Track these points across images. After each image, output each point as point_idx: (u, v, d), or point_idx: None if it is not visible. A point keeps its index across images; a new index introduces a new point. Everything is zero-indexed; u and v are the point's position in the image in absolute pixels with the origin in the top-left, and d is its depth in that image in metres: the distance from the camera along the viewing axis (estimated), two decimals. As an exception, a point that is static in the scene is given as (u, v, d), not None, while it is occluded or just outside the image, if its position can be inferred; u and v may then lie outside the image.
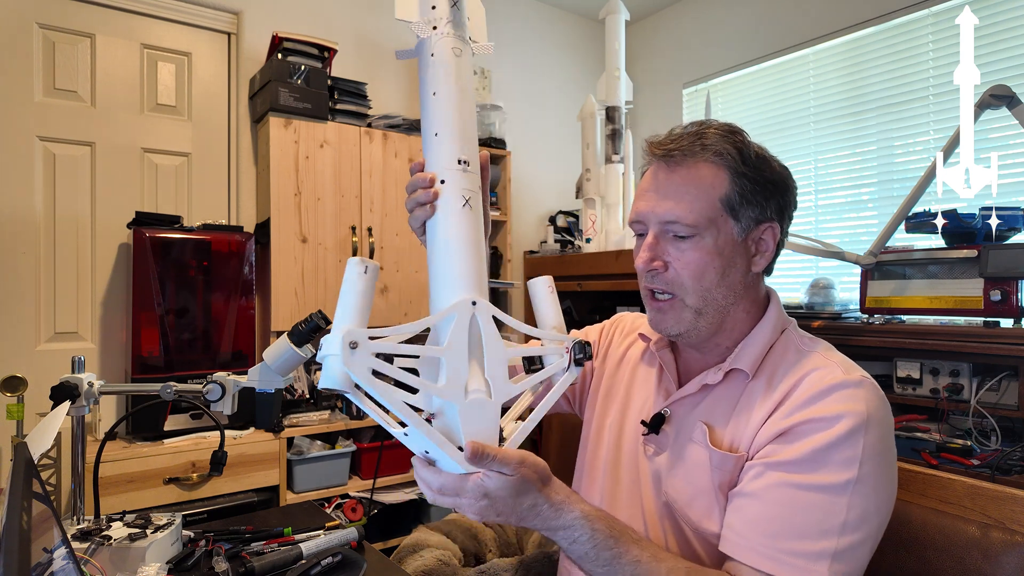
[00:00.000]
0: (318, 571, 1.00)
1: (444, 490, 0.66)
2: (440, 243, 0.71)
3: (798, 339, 0.84)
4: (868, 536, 0.70)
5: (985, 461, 1.31)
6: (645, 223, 0.82)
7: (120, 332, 2.26)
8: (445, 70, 0.75)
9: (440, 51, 0.75)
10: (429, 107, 0.75)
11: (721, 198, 0.79)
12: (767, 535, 0.70)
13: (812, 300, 1.97)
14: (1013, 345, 1.39)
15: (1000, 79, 1.98)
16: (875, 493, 0.70)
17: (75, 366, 1.12)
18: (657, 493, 0.85)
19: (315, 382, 2.32)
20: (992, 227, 1.51)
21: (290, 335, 1.01)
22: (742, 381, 0.81)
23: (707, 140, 0.80)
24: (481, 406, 0.65)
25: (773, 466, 0.72)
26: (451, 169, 0.73)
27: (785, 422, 0.74)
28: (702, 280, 0.79)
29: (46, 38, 2.17)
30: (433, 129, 0.74)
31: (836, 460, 0.69)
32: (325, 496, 2.19)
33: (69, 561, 0.65)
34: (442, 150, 0.73)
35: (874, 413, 0.72)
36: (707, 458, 0.79)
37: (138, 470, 1.86)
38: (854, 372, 0.76)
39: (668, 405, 0.87)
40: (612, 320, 1.10)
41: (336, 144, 2.38)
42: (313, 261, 2.33)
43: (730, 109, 3.03)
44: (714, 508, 0.78)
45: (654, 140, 0.84)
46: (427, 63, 0.76)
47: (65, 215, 2.18)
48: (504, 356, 0.68)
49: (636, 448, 0.90)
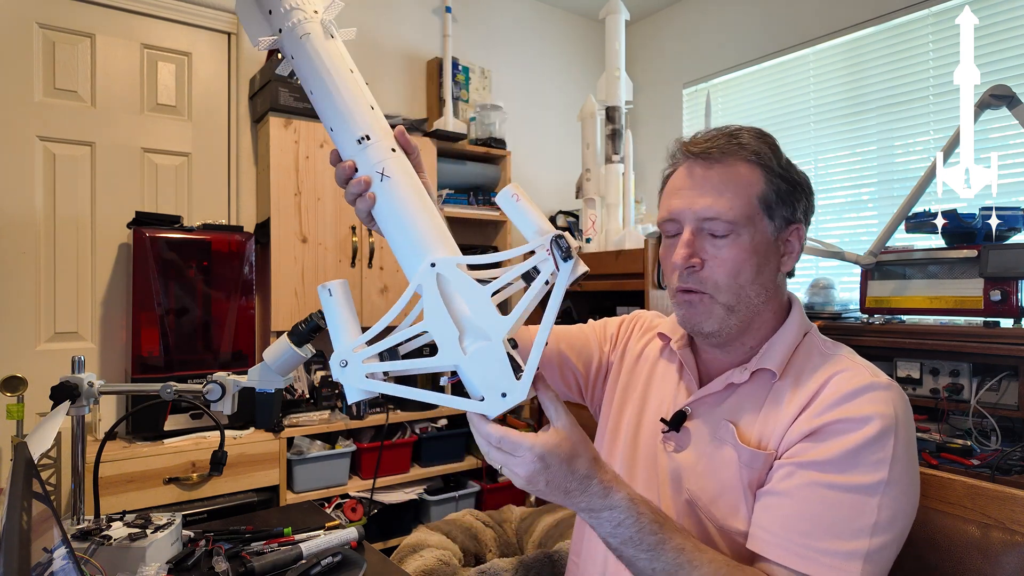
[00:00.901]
0: (318, 571, 1.00)
1: (503, 444, 0.64)
2: (384, 223, 0.72)
3: (821, 343, 0.85)
4: (895, 538, 0.70)
5: (985, 461, 1.31)
6: (680, 220, 0.82)
7: (120, 332, 2.26)
8: (311, 69, 0.76)
9: (300, 58, 0.77)
10: (316, 104, 0.76)
11: (758, 196, 0.80)
12: (800, 533, 0.69)
13: (812, 300, 1.97)
14: (1013, 345, 1.39)
15: (1000, 79, 1.98)
16: (904, 496, 0.71)
17: (75, 366, 1.11)
18: (676, 491, 0.84)
19: (315, 382, 2.32)
20: (992, 227, 1.51)
21: (290, 335, 1.01)
22: (768, 381, 0.81)
23: (743, 140, 0.82)
24: (483, 354, 0.63)
25: (804, 465, 0.72)
26: (356, 152, 0.73)
27: (815, 421, 0.74)
28: (737, 278, 0.79)
29: (46, 38, 2.17)
30: (328, 124, 0.75)
31: (868, 461, 0.70)
32: (325, 496, 2.19)
33: (69, 561, 0.65)
34: (342, 140, 0.74)
35: (902, 417, 0.73)
36: (735, 456, 0.79)
37: (138, 470, 1.86)
38: (881, 376, 0.77)
39: (690, 403, 0.87)
40: (632, 316, 1.10)
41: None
42: (313, 261, 2.33)
43: (730, 109, 3.03)
44: (741, 505, 0.77)
45: (688, 140, 0.85)
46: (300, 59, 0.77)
47: (65, 215, 2.18)
48: (485, 292, 0.65)
49: (654, 445, 0.89)
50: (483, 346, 0.64)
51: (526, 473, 0.63)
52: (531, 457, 0.63)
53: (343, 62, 0.76)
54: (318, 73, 0.75)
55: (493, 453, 0.65)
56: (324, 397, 2.30)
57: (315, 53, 0.76)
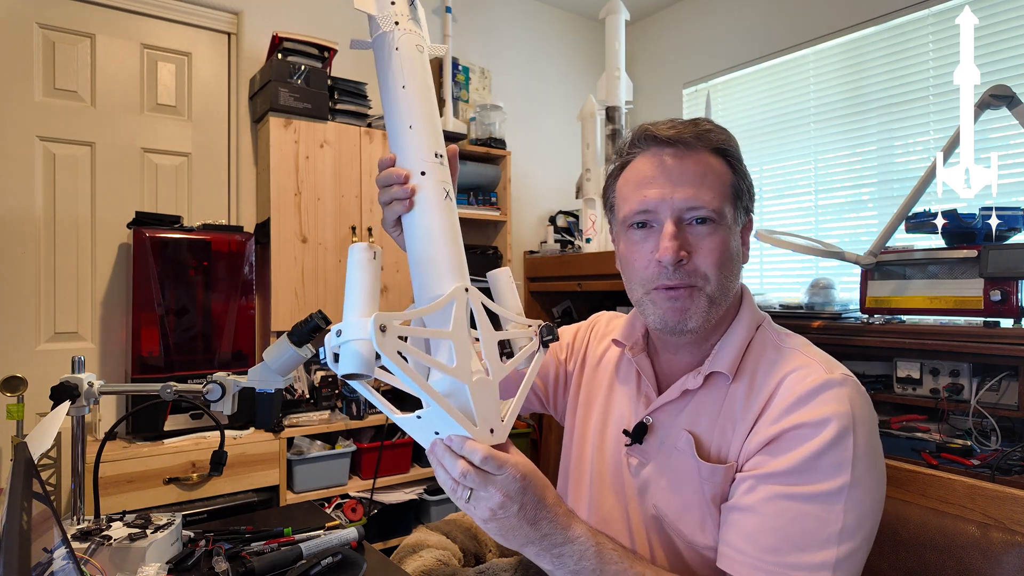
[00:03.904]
0: (318, 571, 1.00)
1: (486, 463, 0.61)
2: (425, 235, 0.71)
3: (775, 335, 0.82)
4: (865, 539, 0.69)
5: (985, 461, 1.31)
6: (657, 212, 0.77)
7: (120, 332, 2.26)
8: (412, 64, 0.75)
9: (405, 46, 0.75)
10: (400, 100, 0.74)
11: (730, 185, 0.79)
12: (767, 550, 0.68)
13: (812, 300, 1.96)
14: (1013, 345, 1.39)
15: (1000, 79, 1.98)
16: (868, 495, 0.69)
17: (75, 366, 1.12)
18: (643, 505, 0.82)
19: (315, 382, 2.32)
20: (992, 227, 1.51)
21: (290, 335, 1.01)
22: (723, 384, 0.79)
23: (710, 131, 0.79)
24: (485, 385, 0.66)
25: (765, 478, 0.70)
26: (430, 162, 0.72)
27: (772, 429, 0.72)
28: (722, 268, 0.77)
29: (46, 38, 2.17)
30: (406, 122, 0.73)
31: (827, 466, 0.68)
32: (325, 496, 2.19)
33: (69, 561, 0.65)
34: (419, 143, 0.72)
35: (859, 412, 0.71)
36: (695, 469, 0.77)
37: (138, 470, 1.86)
38: (836, 370, 0.74)
39: (650, 413, 0.84)
40: (588, 321, 1.07)
41: (336, 144, 2.38)
42: (313, 261, 2.33)
43: (730, 109, 3.03)
44: (706, 520, 0.76)
45: (656, 124, 0.80)
46: (390, 56, 0.75)
47: (65, 215, 2.18)
48: (495, 338, 0.70)
49: (619, 458, 0.86)
50: (483, 379, 0.66)
51: (505, 493, 0.61)
52: (515, 477, 0.62)
53: (426, 76, 0.76)
54: (421, 76, 0.75)
55: (456, 491, 0.62)
56: (324, 397, 2.30)
57: (422, 59, 0.76)
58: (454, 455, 0.62)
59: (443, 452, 0.63)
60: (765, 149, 2.83)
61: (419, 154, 0.72)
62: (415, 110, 0.73)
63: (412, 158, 0.72)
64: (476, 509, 0.63)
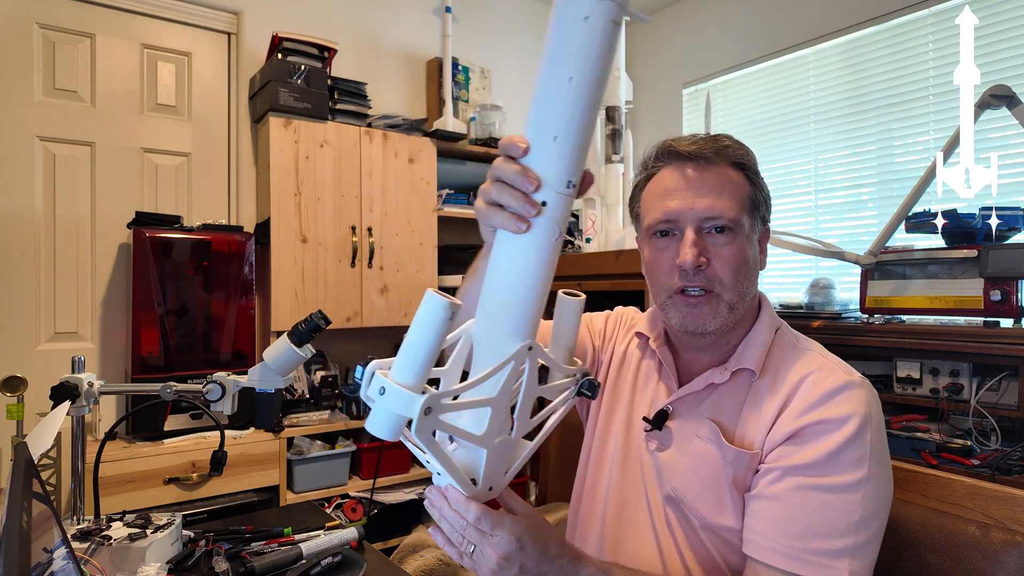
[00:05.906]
0: (318, 571, 1.01)
1: (481, 523, 0.62)
2: (518, 272, 0.60)
3: (792, 338, 0.88)
4: (878, 530, 0.73)
5: (985, 461, 1.31)
6: (679, 221, 0.83)
7: (120, 332, 2.26)
8: (598, 46, 0.54)
9: (598, 16, 0.53)
10: (558, 95, 0.55)
11: (748, 197, 0.84)
12: (791, 536, 0.72)
13: (812, 300, 1.96)
14: (1013, 345, 1.39)
15: (1000, 79, 1.98)
16: (882, 489, 0.74)
17: (75, 366, 1.12)
18: (661, 487, 0.87)
19: (315, 382, 2.32)
20: (992, 227, 1.51)
21: (290, 335, 1.01)
22: (748, 380, 0.84)
23: (729, 147, 0.85)
24: (503, 446, 0.64)
25: (790, 470, 0.75)
26: (559, 191, 0.58)
27: (796, 423, 0.77)
28: (739, 275, 0.82)
29: (46, 38, 2.16)
30: (552, 130, 0.56)
31: (847, 460, 0.73)
32: (325, 496, 2.19)
33: (69, 561, 0.65)
34: (557, 162, 0.57)
35: (873, 412, 0.76)
36: (718, 454, 0.81)
37: (138, 470, 1.86)
38: (854, 373, 0.80)
39: (672, 402, 0.89)
40: (615, 313, 1.11)
41: (336, 144, 2.38)
42: (313, 261, 2.33)
43: (730, 109, 3.03)
44: (726, 502, 0.80)
45: (678, 141, 0.86)
46: (572, 28, 0.54)
47: (65, 215, 2.18)
48: (535, 393, 0.65)
49: (639, 445, 0.91)
50: (505, 440, 0.64)
51: (502, 553, 0.63)
52: (510, 538, 0.63)
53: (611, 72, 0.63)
54: (601, 65, 0.55)
55: (469, 532, 0.63)
56: (324, 397, 2.30)
57: (612, 40, 0.55)
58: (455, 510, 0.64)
59: (453, 503, 0.64)
60: (765, 149, 2.82)
61: (551, 174, 0.58)
62: (569, 116, 0.56)
63: (542, 176, 0.58)
64: (480, 567, 0.64)
